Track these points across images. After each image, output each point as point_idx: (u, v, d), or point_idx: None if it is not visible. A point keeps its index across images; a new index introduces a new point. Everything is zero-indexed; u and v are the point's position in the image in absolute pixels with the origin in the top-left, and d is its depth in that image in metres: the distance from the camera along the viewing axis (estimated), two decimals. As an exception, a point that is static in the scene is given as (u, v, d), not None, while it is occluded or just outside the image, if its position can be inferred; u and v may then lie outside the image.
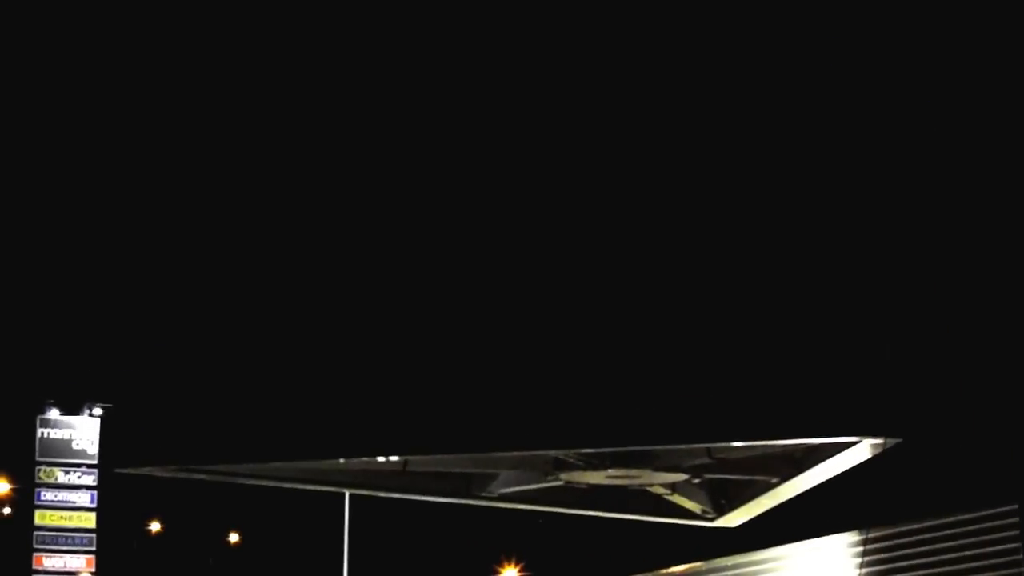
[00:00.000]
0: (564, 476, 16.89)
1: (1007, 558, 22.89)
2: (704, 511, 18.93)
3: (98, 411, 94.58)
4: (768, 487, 18.10)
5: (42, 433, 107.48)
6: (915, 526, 26.88)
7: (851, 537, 28.26)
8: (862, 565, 25.61)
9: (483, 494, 18.00)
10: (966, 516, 25.36)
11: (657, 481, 17.46)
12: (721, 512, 18.91)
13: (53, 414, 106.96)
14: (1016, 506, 21.16)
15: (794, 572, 29.21)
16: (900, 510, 28.02)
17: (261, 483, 17.65)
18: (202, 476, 16.85)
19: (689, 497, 18.60)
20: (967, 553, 25.42)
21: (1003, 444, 19.86)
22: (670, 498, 18.45)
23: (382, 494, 17.94)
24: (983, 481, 23.54)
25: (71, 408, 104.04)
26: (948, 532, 26.40)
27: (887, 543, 28.33)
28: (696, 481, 17.81)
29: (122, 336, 17.14)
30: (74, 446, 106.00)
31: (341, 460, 15.80)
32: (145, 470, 16.72)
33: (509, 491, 17.90)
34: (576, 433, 15.78)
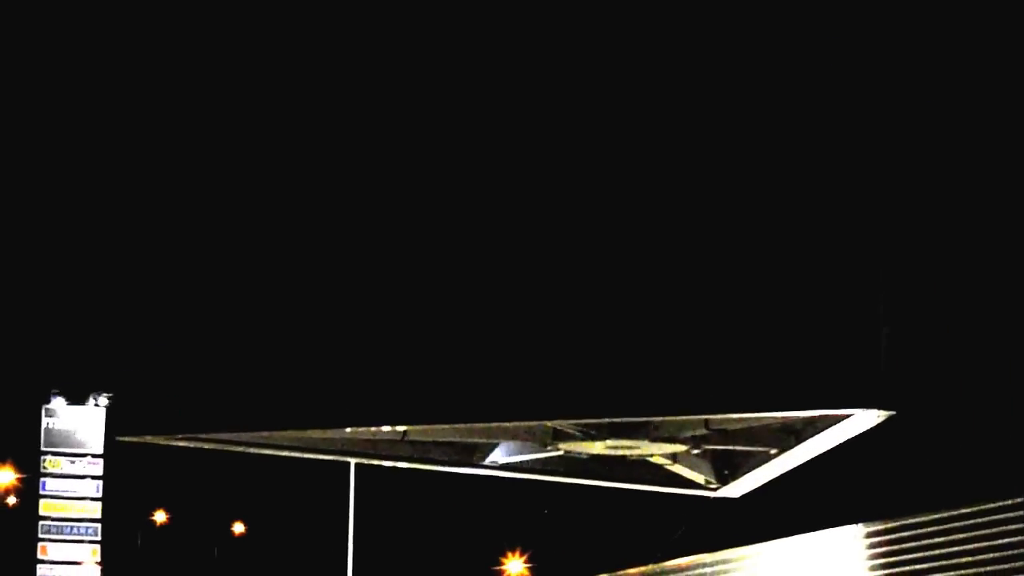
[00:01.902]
0: (563, 446, 16.96)
1: (1017, 550, 22.93)
2: (707, 481, 18.97)
3: (103, 401, 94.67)
4: (768, 458, 18.18)
5: (47, 423, 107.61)
6: (923, 519, 26.93)
7: (858, 529, 28.36)
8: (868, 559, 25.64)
9: (484, 463, 18.08)
10: (974, 508, 25.39)
11: (656, 451, 17.52)
12: (724, 482, 18.97)
13: (58, 404, 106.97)
14: (1020, 502, 21.19)
15: (799, 565, 29.32)
16: (908, 502, 28.06)
17: (264, 452, 17.75)
18: (205, 445, 16.94)
19: (691, 467, 18.65)
20: (976, 546, 25.44)
21: (1012, 433, 19.90)
22: (672, 468, 18.50)
23: (384, 463, 18.02)
24: (992, 472, 23.57)
25: (76, 398, 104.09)
26: (956, 525, 26.43)
27: (894, 536, 28.37)
28: (697, 452, 17.86)
29: (127, 317, 17.23)
30: (79, 436, 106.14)
31: (348, 430, 15.90)
32: (148, 438, 16.80)
33: (509, 460, 17.97)
34: (573, 404, 15.85)
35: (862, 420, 16.04)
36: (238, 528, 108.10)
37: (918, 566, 26.15)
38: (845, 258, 15.62)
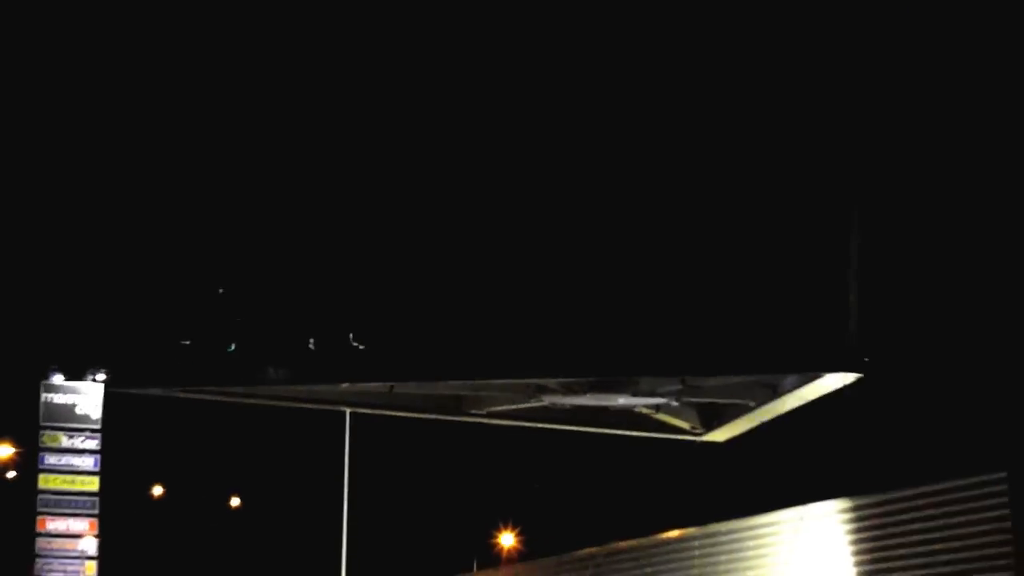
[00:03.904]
0: (547, 399, 17.30)
1: (996, 524, 23.11)
2: (692, 427, 19.36)
3: (101, 377, 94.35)
4: (747, 409, 18.52)
5: (46, 398, 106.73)
6: (906, 493, 27.19)
7: (842, 503, 28.64)
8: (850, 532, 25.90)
9: (473, 412, 18.40)
10: (955, 483, 25.60)
11: (636, 405, 17.86)
12: (709, 428, 19.35)
13: (57, 379, 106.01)
14: (1004, 473, 21.45)
15: (785, 537, 29.61)
16: (891, 477, 28.31)
17: (267, 403, 18.09)
18: (208, 397, 17.26)
19: (676, 415, 19.00)
20: (957, 520, 25.69)
21: (992, 413, 20.20)
22: (656, 416, 18.84)
23: (377, 411, 18.36)
24: (972, 449, 23.79)
25: (75, 374, 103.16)
26: (938, 499, 26.67)
27: (878, 510, 28.64)
28: (677, 404, 18.19)
29: (121, 291, 17.49)
30: (77, 411, 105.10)
31: (344, 385, 16.28)
32: (152, 391, 17.11)
33: (498, 410, 18.28)
34: (552, 363, 16.19)
35: (832, 380, 16.42)
36: (234, 502, 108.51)
37: (903, 539, 26.48)
38: (817, 230, 15.93)
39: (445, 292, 16.09)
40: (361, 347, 15.06)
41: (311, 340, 15.79)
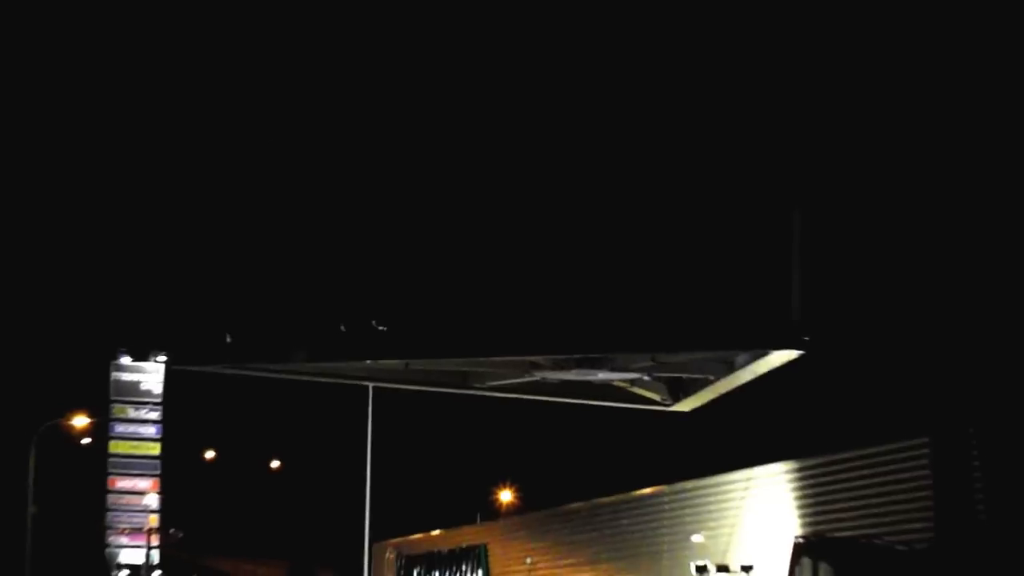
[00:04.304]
0: (539, 374, 17.37)
1: (919, 482, 23.12)
2: (662, 399, 19.47)
3: (162, 358, 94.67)
4: (708, 383, 18.61)
5: (115, 376, 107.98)
6: (843, 455, 27.21)
7: (783, 466, 28.67)
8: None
9: (477, 386, 18.47)
10: (886, 447, 25.62)
11: (615, 379, 17.95)
12: (676, 399, 19.45)
13: (125, 361, 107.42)
14: (926, 439, 21.44)
15: (737, 494, 29.64)
16: (828, 442, 28.27)
17: (302, 377, 18.15)
18: (254, 373, 17.34)
19: (648, 389, 19.10)
20: (886, 478, 25.72)
21: (917, 386, 20.16)
22: (632, 390, 18.95)
23: (395, 386, 18.46)
24: (900, 417, 23.72)
25: (140, 355, 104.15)
26: (870, 461, 26.70)
27: (819, 470, 28.66)
28: (648, 379, 18.28)
29: (182, 282, 17.49)
30: (142, 387, 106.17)
31: (368, 361, 16.40)
32: (206, 368, 17.20)
33: (498, 384, 18.37)
34: (541, 342, 16.27)
35: (777, 357, 16.49)
36: (275, 464, 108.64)
37: (836, 497, 26.50)
38: (763, 231, 15.94)
39: (453, 285, 16.15)
40: (382, 328, 15.12)
41: (341, 325, 15.84)
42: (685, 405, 19.71)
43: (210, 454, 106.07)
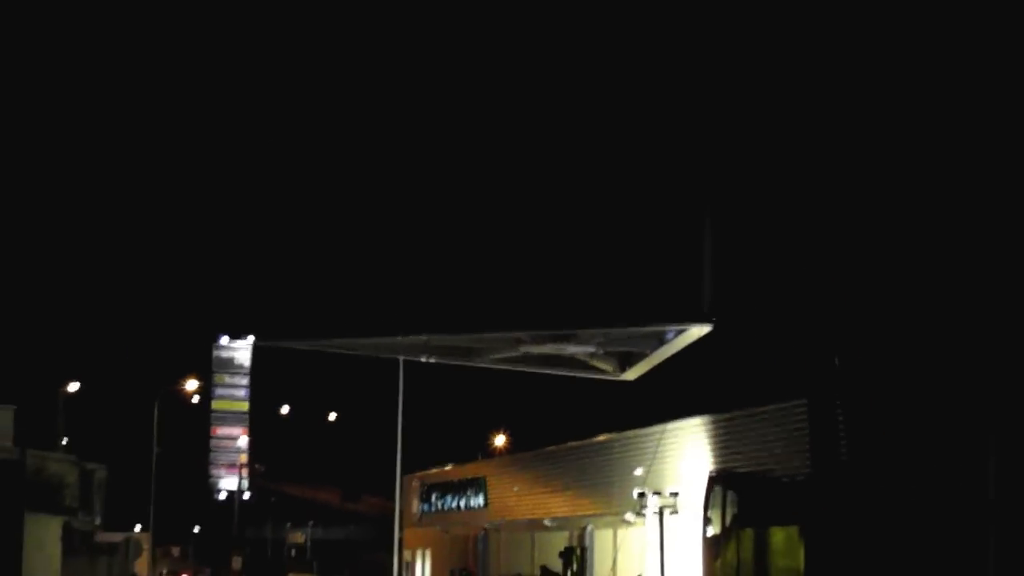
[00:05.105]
0: (523, 348, 17.28)
1: (800, 432, 23.02)
2: (613, 370, 19.39)
3: (250, 339, 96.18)
4: (644, 356, 18.52)
5: (216, 353, 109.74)
6: (743, 412, 27.15)
7: (702, 419, 28.60)
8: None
9: (480, 358, 18.37)
10: (777, 406, 25.56)
11: (579, 352, 17.88)
12: (623, 370, 19.38)
13: (223, 341, 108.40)
14: (805, 400, 21.36)
15: (668, 440, 29.53)
16: (734, 401, 28.14)
17: (346, 352, 18.02)
18: (311, 347, 17.19)
19: (602, 361, 19.02)
20: (775, 430, 25.63)
21: (799, 356, 19.89)
22: (592, 362, 18.85)
23: (418, 358, 18.33)
24: (787, 382, 23.55)
25: (234, 336, 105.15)
26: (764, 418, 26.64)
27: (726, 423, 28.64)
28: (602, 353, 18.19)
29: (271, 276, 17.27)
30: (235, 361, 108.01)
31: (399, 338, 16.26)
32: (284, 343, 17.05)
33: (495, 356, 18.29)
34: (522, 320, 16.14)
35: (694, 332, 16.40)
36: (332, 416, 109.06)
37: (739, 445, 26.38)
38: (679, 231, 15.75)
39: (460, 282, 16.05)
40: (410, 308, 14.97)
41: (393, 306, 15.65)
42: (631, 374, 19.67)
43: (284, 409, 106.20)
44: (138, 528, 62.81)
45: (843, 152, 15.58)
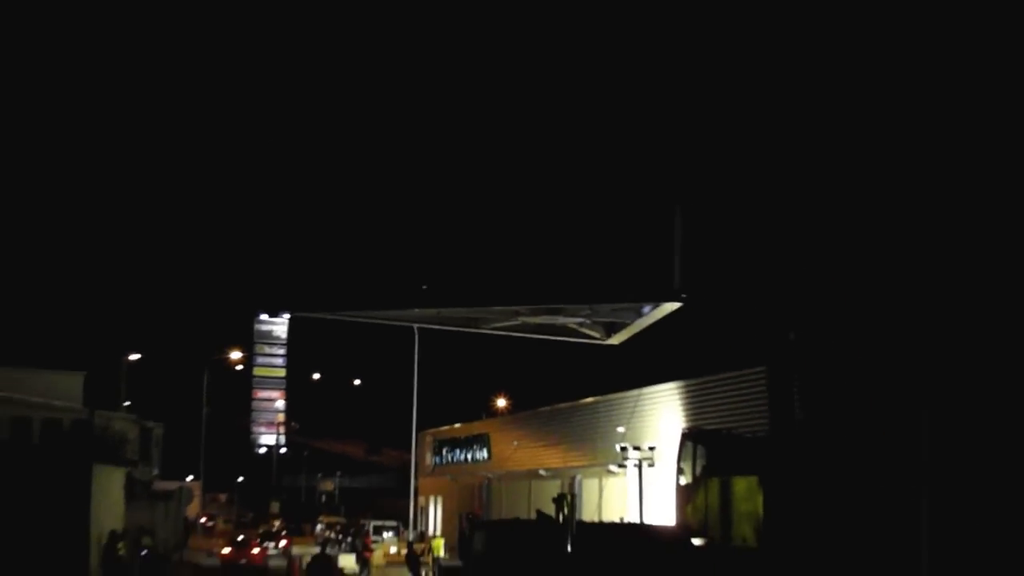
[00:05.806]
0: (521, 319, 17.15)
1: (760, 395, 22.92)
2: (600, 336, 19.25)
3: (286, 316, 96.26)
4: (627, 325, 18.39)
5: (257, 327, 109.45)
6: (712, 377, 27.06)
7: (676, 383, 28.47)
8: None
9: (484, 328, 18.25)
10: (740, 372, 25.47)
11: (569, 322, 17.76)
12: (608, 336, 19.24)
13: (263, 317, 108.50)
14: (764, 367, 21.26)
15: (646, 401, 29.41)
16: (704, 367, 27.96)
17: (366, 320, 17.91)
18: (339, 318, 17.04)
19: (591, 329, 18.89)
20: (740, 394, 25.54)
21: (752, 330, 19.72)
22: (581, 330, 18.72)
23: (431, 326, 18.19)
24: (748, 351, 23.39)
25: (272, 313, 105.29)
26: (729, 383, 26.51)
27: (697, 386, 28.53)
28: (590, 322, 18.06)
29: (305, 259, 17.04)
30: (273, 334, 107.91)
31: (415, 310, 16.10)
32: (316, 314, 16.89)
33: (497, 325, 18.17)
34: (522, 295, 15.99)
35: (667, 307, 16.25)
36: (356, 382, 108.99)
37: (703, 406, 26.26)
38: (654, 221, 15.53)
39: (467, 264, 15.90)
40: (425, 288, 14.80)
41: (424, 285, 15.36)
42: (615, 340, 19.52)
43: (316, 375, 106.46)
44: (190, 478, 62.99)
45: (799, 152, 15.32)
